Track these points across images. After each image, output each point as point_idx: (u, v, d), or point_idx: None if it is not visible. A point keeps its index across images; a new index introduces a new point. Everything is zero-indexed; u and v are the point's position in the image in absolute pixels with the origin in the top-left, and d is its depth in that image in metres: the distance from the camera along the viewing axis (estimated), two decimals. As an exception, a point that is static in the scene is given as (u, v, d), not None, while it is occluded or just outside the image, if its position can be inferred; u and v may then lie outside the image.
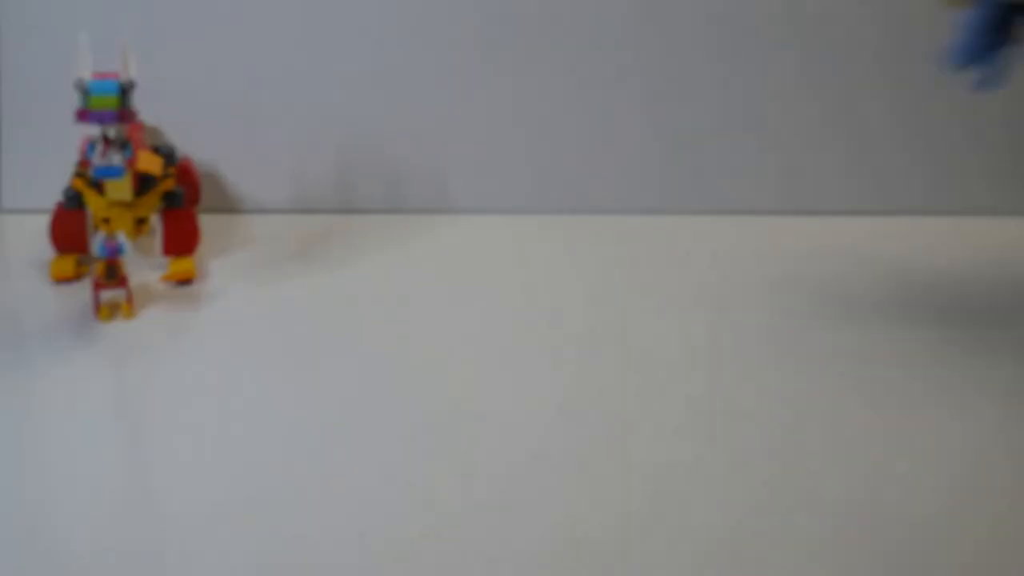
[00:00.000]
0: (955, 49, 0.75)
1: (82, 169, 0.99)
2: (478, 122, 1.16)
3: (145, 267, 1.02)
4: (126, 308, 0.93)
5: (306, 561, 0.67)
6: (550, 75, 1.15)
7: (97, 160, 0.90)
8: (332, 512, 0.71)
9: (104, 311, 0.93)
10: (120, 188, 0.96)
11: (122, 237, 0.92)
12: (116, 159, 0.90)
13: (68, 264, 1.00)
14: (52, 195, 1.02)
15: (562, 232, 1.08)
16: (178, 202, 1.01)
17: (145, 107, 0.97)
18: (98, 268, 0.92)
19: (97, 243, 0.91)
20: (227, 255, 1.07)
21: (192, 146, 1.13)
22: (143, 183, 0.98)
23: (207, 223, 1.10)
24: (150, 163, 1.00)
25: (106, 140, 0.90)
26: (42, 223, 1.01)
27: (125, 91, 0.90)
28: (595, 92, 1.16)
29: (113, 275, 0.92)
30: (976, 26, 0.74)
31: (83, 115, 0.90)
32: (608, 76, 1.16)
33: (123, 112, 0.90)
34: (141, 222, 1.01)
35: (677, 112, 1.17)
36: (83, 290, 0.97)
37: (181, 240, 1.02)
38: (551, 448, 0.78)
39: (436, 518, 0.71)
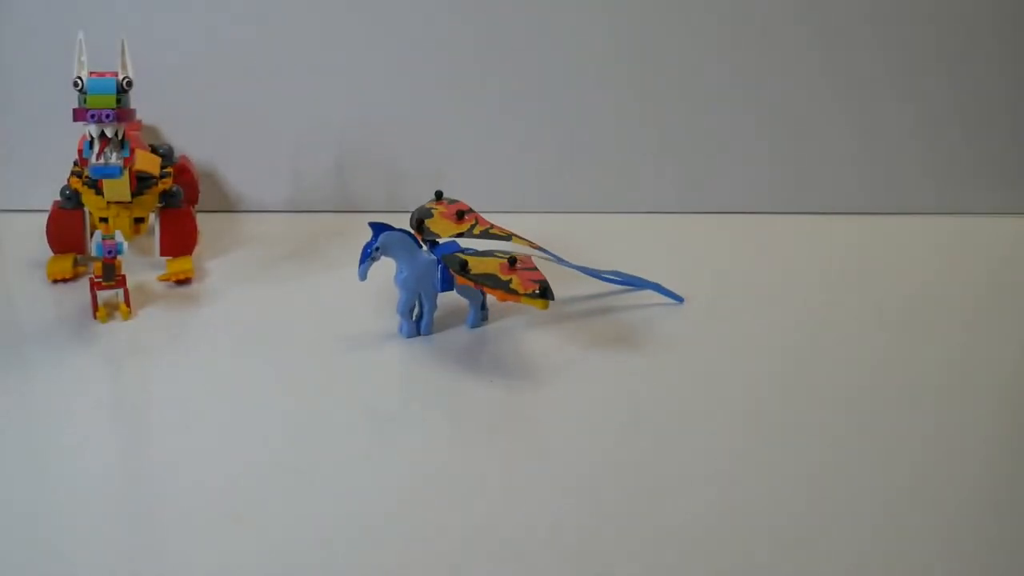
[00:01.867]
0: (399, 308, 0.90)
1: (80, 168, 0.99)
2: (477, 122, 1.16)
3: (144, 267, 1.02)
4: (124, 308, 0.93)
5: (305, 559, 0.66)
6: (549, 76, 1.15)
7: (94, 160, 0.89)
8: (331, 511, 0.71)
9: (102, 311, 0.92)
10: (118, 188, 0.95)
11: (120, 237, 0.91)
12: (114, 158, 0.90)
13: (65, 264, 0.99)
14: (49, 194, 1.01)
15: (560, 231, 1.08)
16: (176, 202, 1.01)
17: (144, 106, 0.96)
18: (96, 268, 0.92)
19: (95, 243, 0.91)
20: (225, 255, 1.06)
21: (191, 146, 1.13)
22: (141, 182, 0.98)
23: (205, 222, 1.09)
24: (147, 162, 1.00)
25: (104, 139, 0.89)
26: (39, 222, 1.01)
27: (123, 90, 0.90)
28: (595, 92, 1.16)
29: (111, 275, 0.92)
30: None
31: (81, 114, 0.89)
32: (609, 76, 1.15)
33: (121, 111, 0.89)
34: (139, 221, 1.01)
35: (674, 113, 1.17)
36: (81, 290, 0.96)
37: (179, 240, 1.01)
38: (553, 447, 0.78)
39: (436, 517, 0.71)
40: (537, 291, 0.85)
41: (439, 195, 0.97)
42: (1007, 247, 1.16)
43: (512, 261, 0.88)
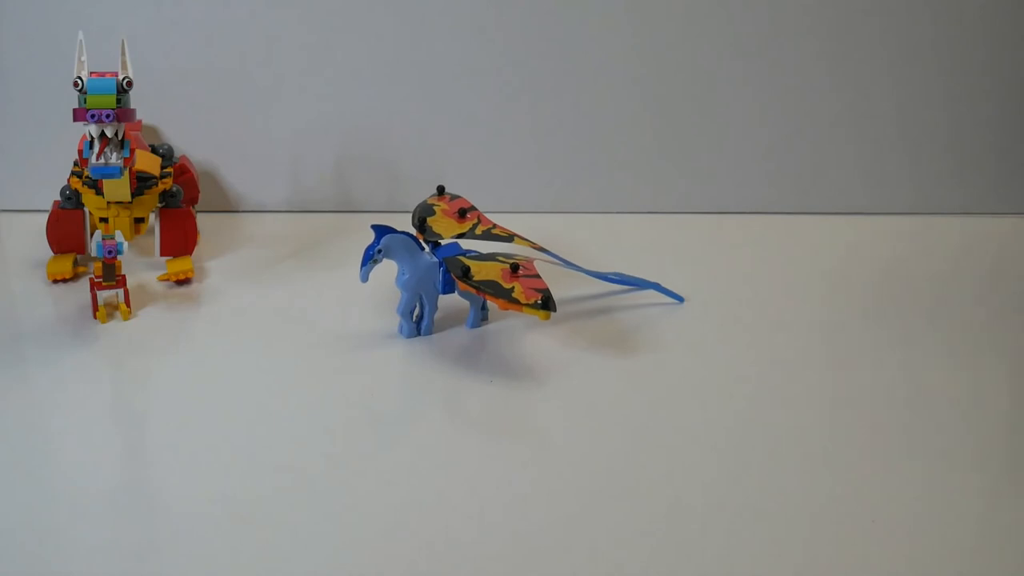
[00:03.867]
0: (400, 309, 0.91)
1: (80, 168, 0.99)
2: (478, 122, 1.16)
3: (144, 267, 1.02)
4: (124, 308, 0.93)
5: (305, 558, 0.66)
6: (550, 75, 1.15)
7: (94, 160, 0.89)
8: (331, 510, 0.71)
9: (102, 311, 0.92)
10: (118, 188, 0.95)
11: (120, 237, 0.91)
12: (114, 159, 0.90)
13: (65, 264, 0.99)
14: (50, 194, 1.01)
15: (562, 230, 1.08)
16: (176, 202, 1.01)
17: (144, 106, 0.96)
18: (96, 268, 0.92)
19: (95, 243, 0.91)
20: (225, 255, 1.06)
21: (191, 146, 1.13)
22: (141, 182, 0.98)
23: (205, 222, 1.09)
24: (147, 162, 1.00)
25: (104, 139, 0.89)
26: (39, 222, 1.01)
27: (123, 90, 0.90)
28: (595, 92, 1.16)
29: (111, 275, 0.92)
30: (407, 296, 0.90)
31: (81, 114, 0.89)
32: (609, 76, 1.15)
33: (121, 111, 0.89)
34: (139, 221, 1.01)
35: (675, 113, 1.17)
36: (81, 290, 0.97)
37: (179, 240, 1.01)
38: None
39: (436, 517, 0.71)
40: (539, 301, 0.85)
41: (441, 190, 0.97)
42: (1008, 247, 1.16)
43: (515, 267, 0.87)
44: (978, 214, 1.22)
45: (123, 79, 0.90)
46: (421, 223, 0.93)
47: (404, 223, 0.92)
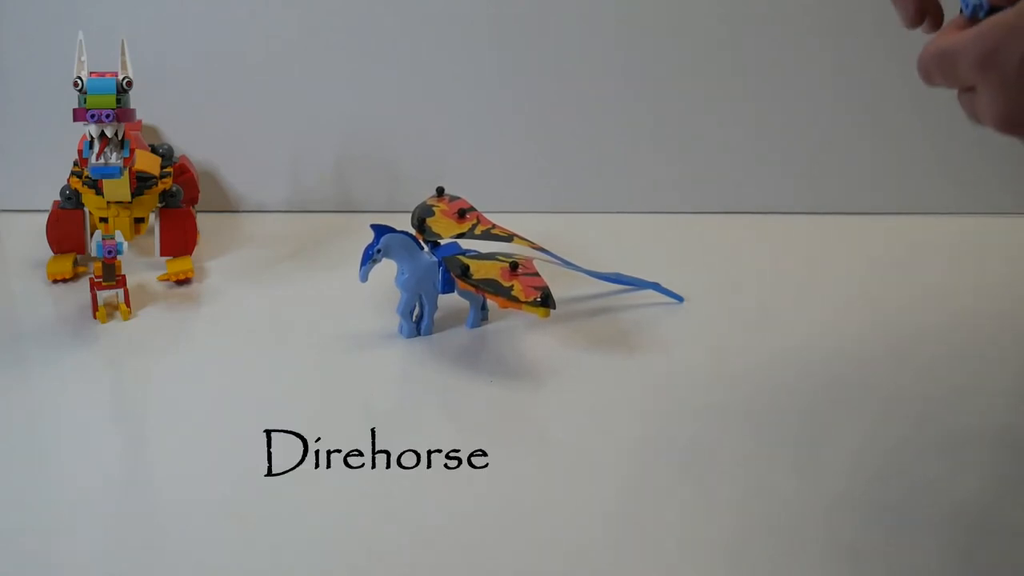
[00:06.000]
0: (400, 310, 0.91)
1: (80, 168, 0.99)
2: (478, 122, 1.16)
3: (144, 267, 1.02)
4: (124, 308, 0.93)
5: (305, 559, 0.66)
6: (550, 75, 1.15)
7: (94, 160, 0.89)
8: (332, 511, 0.71)
9: (102, 311, 0.92)
10: (118, 188, 0.95)
11: (120, 237, 0.91)
12: (114, 158, 0.90)
13: (65, 264, 0.99)
14: (49, 194, 1.01)
15: (562, 230, 1.08)
16: (176, 202, 1.01)
17: (144, 106, 0.96)
18: (96, 268, 0.92)
19: (95, 243, 0.91)
20: (225, 255, 1.06)
21: (191, 146, 1.13)
22: (141, 182, 0.98)
23: (205, 222, 1.09)
24: (147, 162, 1.00)
25: (104, 139, 0.89)
26: (39, 222, 1.01)
27: (123, 90, 0.90)
28: (596, 92, 1.16)
29: (111, 275, 0.92)
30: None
31: (81, 114, 0.89)
32: (609, 76, 1.15)
33: (121, 111, 0.89)
34: (139, 221, 1.01)
35: (676, 113, 1.17)
36: (81, 290, 0.97)
37: (179, 240, 1.01)
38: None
39: (435, 517, 0.71)
40: (539, 299, 0.85)
41: (440, 191, 0.97)
42: (1009, 247, 1.15)
43: (514, 266, 0.88)
44: (980, 214, 1.22)
45: (123, 79, 0.90)
46: (420, 223, 0.93)
47: (404, 223, 0.92)
